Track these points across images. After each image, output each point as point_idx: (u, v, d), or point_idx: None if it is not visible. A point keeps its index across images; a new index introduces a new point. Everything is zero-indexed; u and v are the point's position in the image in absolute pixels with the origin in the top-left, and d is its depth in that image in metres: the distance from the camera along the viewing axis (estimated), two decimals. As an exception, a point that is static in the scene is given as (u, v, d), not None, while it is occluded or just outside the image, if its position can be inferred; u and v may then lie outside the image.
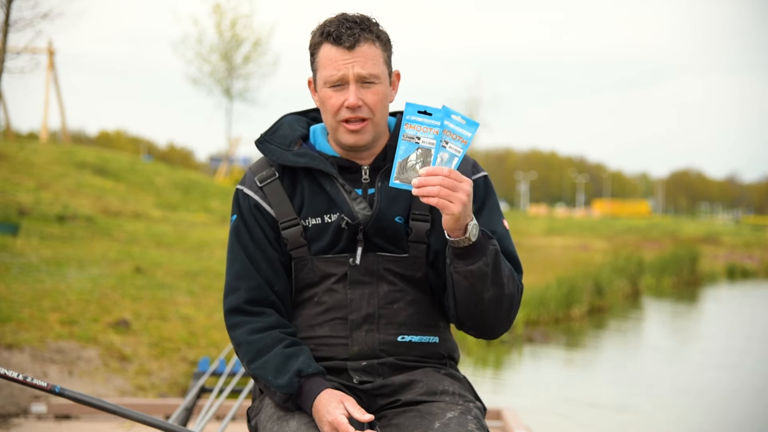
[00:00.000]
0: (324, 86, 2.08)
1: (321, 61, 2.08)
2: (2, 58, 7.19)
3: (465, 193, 1.88)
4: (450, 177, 1.87)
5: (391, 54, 2.13)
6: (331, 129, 2.13)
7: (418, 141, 1.91)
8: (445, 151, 1.91)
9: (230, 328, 2.11)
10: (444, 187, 1.86)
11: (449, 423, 1.97)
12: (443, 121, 1.90)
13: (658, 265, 21.11)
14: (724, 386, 9.59)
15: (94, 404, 2.06)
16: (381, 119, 2.11)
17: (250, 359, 2.07)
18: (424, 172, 1.88)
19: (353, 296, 2.11)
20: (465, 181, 1.89)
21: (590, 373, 10.23)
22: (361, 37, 2.05)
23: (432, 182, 1.87)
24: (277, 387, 2.01)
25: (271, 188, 2.15)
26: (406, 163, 1.91)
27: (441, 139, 1.90)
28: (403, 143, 1.91)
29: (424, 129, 1.91)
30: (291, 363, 2.03)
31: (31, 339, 6.50)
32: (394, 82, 2.17)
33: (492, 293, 2.00)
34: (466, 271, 1.96)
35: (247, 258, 2.12)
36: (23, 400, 5.06)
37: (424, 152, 1.91)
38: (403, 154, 1.91)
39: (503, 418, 4.19)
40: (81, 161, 23.51)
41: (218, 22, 33.77)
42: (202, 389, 3.88)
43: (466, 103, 49.30)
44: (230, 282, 2.13)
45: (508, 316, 2.08)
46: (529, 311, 12.92)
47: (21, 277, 8.85)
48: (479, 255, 1.95)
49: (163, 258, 12.54)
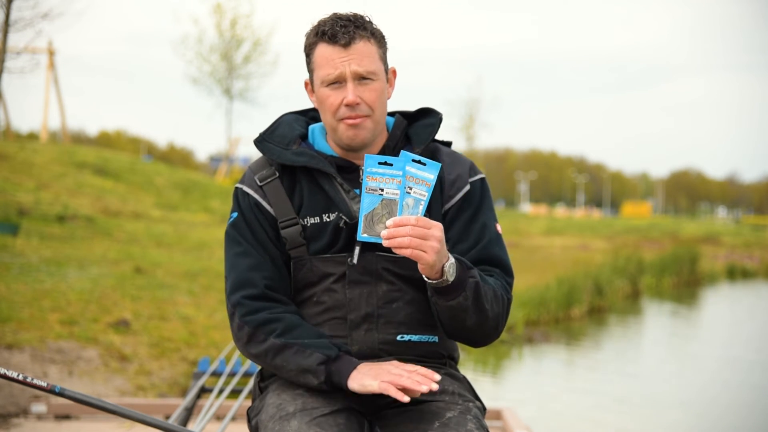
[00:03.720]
0: (321, 86, 2.08)
1: (317, 61, 2.08)
2: (2, 58, 7.19)
3: (436, 240, 1.87)
4: (418, 225, 1.86)
5: (386, 50, 2.13)
6: (330, 128, 2.13)
7: (382, 193, 1.90)
8: (411, 197, 1.90)
9: (249, 313, 2.05)
10: (414, 237, 1.85)
11: (449, 422, 1.97)
12: (405, 168, 1.90)
13: (658, 265, 21.10)
14: (724, 386, 9.59)
15: (94, 404, 2.06)
16: (380, 116, 2.11)
17: (282, 332, 2.02)
18: (392, 223, 1.87)
19: (352, 296, 2.11)
20: (434, 227, 1.88)
21: (590, 373, 10.22)
22: (356, 34, 2.05)
23: (401, 233, 1.85)
24: (316, 347, 1.99)
25: (271, 187, 2.15)
26: (372, 216, 1.90)
27: (405, 186, 1.90)
28: (366, 196, 1.90)
29: (387, 180, 1.90)
30: (324, 337, 2.03)
31: (31, 339, 6.50)
32: (390, 79, 2.17)
33: (474, 320, 2.02)
34: (447, 306, 1.98)
35: (256, 252, 2.11)
36: (23, 400, 5.06)
37: (388, 203, 1.90)
38: (367, 206, 1.90)
39: (503, 418, 4.19)
40: (81, 161, 23.50)
41: (218, 22, 33.80)
42: (202, 389, 3.88)
43: (466, 103, 49.33)
44: (242, 273, 2.09)
45: (495, 330, 2.09)
46: (529, 311, 12.92)
47: (21, 277, 8.85)
48: (458, 291, 1.96)
49: (163, 258, 12.54)
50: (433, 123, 2.20)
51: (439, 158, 2.19)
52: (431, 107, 2.25)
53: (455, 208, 2.15)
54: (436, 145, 2.24)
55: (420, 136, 2.18)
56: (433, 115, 2.23)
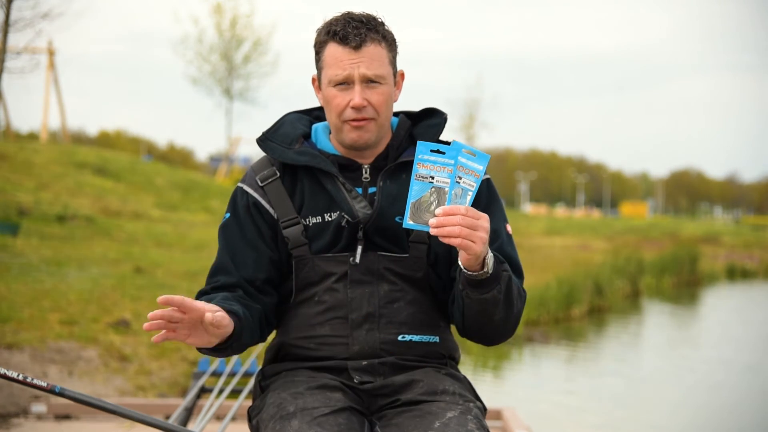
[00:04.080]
0: (329, 85, 2.08)
1: (326, 60, 2.08)
2: (2, 58, 7.19)
3: (485, 230, 1.84)
4: (468, 215, 1.82)
5: (396, 54, 2.13)
6: (334, 128, 2.12)
7: (432, 180, 1.86)
8: (459, 187, 1.86)
9: (205, 292, 2.14)
10: (464, 227, 1.81)
11: (449, 423, 1.97)
12: (457, 158, 1.86)
13: (658, 265, 21.11)
14: (724, 385, 9.59)
15: (94, 404, 2.06)
16: (385, 120, 2.11)
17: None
18: (441, 212, 1.82)
19: (354, 295, 2.10)
20: (482, 217, 1.85)
21: (590, 372, 10.22)
22: (367, 37, 2.04)
23: (452, 222, 1.81)
24: None
25: (272, 187, 2.15)
26: (419, 204, 1.85)
27: (455, 176, 1.86)
28: (416, 183, 1.85)
29: (438, 168, 1.86)
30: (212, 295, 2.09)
31: (31, 339, 6.50)
32: (398, 82, 2.16)
33: (502, 315, 2.00)
34: (480, 299, 1.95)
35: (228, 255, 2.14)
36: (23, 400, 5.06)
37: (438, 192, 1.85)
38: (416, 194, 1.85)
39: (503, 418, 4.18)
40: (81, 161, 23.49)
41: (218, 22, 33.80)
42: (202, 389, 3.87)
43: (466, 103, 49.35)
44: (219, 265, 2.15)
45: (514, 328, 2.09)
46: (529, 311, 12.92)
47: (21, 277, 8.85)
48: (494, 284, 1.94)
49: (163, 258, 12.54)
50: (438, 123, 2.19)
51: None
52: (436, 107, 2.24)
53: None
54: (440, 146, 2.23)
55: (424, 136, 2.17)
56: (438, 116, 2.22)
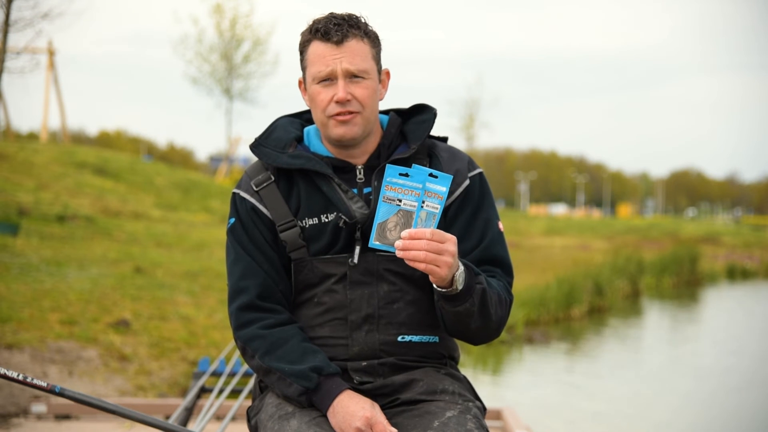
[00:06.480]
0: (313, 83, 2.08)
1: (310, 58, 2.09)
2: (2, 58, 7.19)
3: (450, 254, 1.87)
4: (434, 239, 1.86)
5: (380, 51, 2.13)
6: (321, 125, 2.13)
7: (399, 203, 1.89)
8: (424, 210, 1.90)
9: (241, 326, 2.10)
10: (429, 251, 1.85)
11: (448, 422, 1.97)
12: (425, 183, 1.89)
13: (658, 265, 21.12)
14: (724, 385, 9.60)
15: (94, 404, 2.06)
16: (371, 114, 2.11)
17: (265, 352, 2.05)
18: (407, 235, 1.86)
19: (353, 296, 2.11)
20: (448, 241, 1.88)
21: (590, 372, 10.23)
22: (349, 32, 2.05)
23: (417, 246, 1.85)
24: (295, 377, 2.00)
25: (267, 191, 2.15)
26: (386, 225, 1.89)
27: (421, 200, 1.89)
28: (383, 205, 1.89)
29: (406, 191, 1.89)
30: (308, 358, 2.03)
31: (31, 339, 6.50)
32: (384, 80, 2.17)
33: (479, 323, 2.02)
34: (454, 311, 1.98)
35: (249, 257, 2.13)
36: (23, 400, 5.06)
37: (405, 214, 1.89)
38: (383, 215, 1.89)
39: (503, 418, 4.19)
40: (81, 161, 23.50)
41: (218, 22, 33.81)
42: (202, 389, 3.88)
43: (466, 102, 49.35)
44: (236, 282, 2.13)
45: (496, 332, 2.11)
46: (529, 311, 12.92)
47: (21, 277, 8.85)
48: (466, 298, 1.96)
49: (163, 258, 12.54)
50: (428, 119, 2.19)
51: (437, 154, 2.19)
52: (425, 103, 2.24)
53: (456, 205, 2.15)
54: (433, 141, 2.23)
55: (415, 133, 2.17)
56: (428, 111, 2.22)
